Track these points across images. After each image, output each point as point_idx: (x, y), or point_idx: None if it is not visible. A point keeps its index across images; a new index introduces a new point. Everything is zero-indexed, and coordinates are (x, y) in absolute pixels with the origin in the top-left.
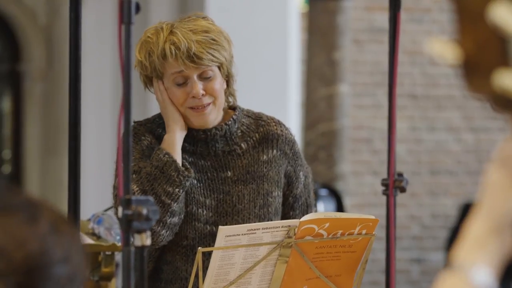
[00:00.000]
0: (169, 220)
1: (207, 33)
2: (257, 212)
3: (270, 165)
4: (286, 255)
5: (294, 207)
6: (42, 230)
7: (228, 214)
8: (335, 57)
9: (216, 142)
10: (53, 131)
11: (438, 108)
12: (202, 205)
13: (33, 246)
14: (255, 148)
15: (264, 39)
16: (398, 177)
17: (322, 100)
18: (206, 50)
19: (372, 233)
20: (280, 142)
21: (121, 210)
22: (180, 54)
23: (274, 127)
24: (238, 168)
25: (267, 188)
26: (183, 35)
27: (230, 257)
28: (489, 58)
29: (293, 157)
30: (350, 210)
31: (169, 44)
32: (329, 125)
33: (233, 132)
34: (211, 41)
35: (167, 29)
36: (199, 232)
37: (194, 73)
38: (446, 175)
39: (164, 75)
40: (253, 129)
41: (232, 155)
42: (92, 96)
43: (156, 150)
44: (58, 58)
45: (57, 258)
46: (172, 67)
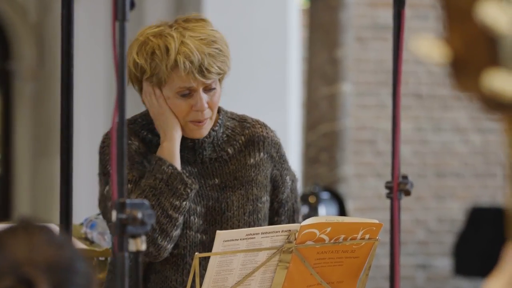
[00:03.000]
0: (175, 233)
1: (215, 44)
2: (246, 219)
3: (258, 168)
4: (286, 261)
5: (279, 212)
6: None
7: (217, 222)
8: (337, 55)
9: (204, 150)
10: (45, 132)
11: (444, 108)
12: (194, 212)
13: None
14: (241, 152)
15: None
16: (402, 179)
17: (323, 99)
18: (216, 63)
19: (376, 238)
20: (267, 145)
21: (115, 214)
22: (193, 68)
23: (259, 129)
24: (225, 175)
25: (256, 193)
26: (196, 48)
27: (228, 262)
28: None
29: (279, 160)
30: (353, 214)
31: (182, 58)
32: (331, 125)
33: (219, 137)
34: (220, 52)
35: (178, 38)
36: (190, 241)
37: (200, 87)
38: (452, 178)
39: (167, 84)
40: (238, 132)
41: (219, 162)
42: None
43: (156, 161)
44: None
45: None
46: (181, 80)
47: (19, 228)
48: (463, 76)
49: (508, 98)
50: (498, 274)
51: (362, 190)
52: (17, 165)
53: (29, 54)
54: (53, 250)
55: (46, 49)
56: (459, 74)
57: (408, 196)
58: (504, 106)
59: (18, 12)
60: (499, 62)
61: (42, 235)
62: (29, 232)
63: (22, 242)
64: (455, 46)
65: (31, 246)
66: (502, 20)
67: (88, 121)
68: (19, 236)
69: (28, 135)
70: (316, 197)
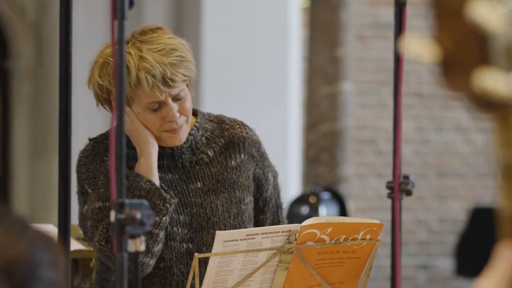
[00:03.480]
0: (156, 248)
1: (175, 52)
2: (232, 222)
3: (239, 170)
4: (286, 261)
5: (265, 210)
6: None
7: (204, 229)
8: (337, 54)
9: (183, 154)
10: (43, 131)
11: (446, 108)
12: (176, 223)
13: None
14: (222, 154)
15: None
16: (404, 179)
17: (324, 99)
18: (179, 71)
19: (377, 238)
20: (247, 145)
21: (114, 214)
22: (156, 81)
23: (238, 130)
24: (207, 178)
25: (239, 195)
26: (155, 60)
27: (228, 263)
28: (468, 56)
29: (261, 159)
30: (354, 214)
31: (144, 73)
32: (331, 125)
33: (198, 141)
34: (181, 59)
35: (135, 54)
36: (175, 252)
37: (168, 98)
38: (454, 178)
39: (135, 102)
40: (218, 134)
41: (200, 165)
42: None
43: (134, 177)
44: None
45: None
46: (147, 96)
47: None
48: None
49: (498, 97)
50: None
51: (363, 190)
52: (15, 164)
53: (27, 53)
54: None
55: (44, 48)
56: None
57: (409, 196)
58: (495, 105)
59: (16, 11)
60: (489, 61)
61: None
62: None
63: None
64: (445, 45)
65: None
66: (492, 19)
67: (86, 120)
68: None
69: (26, 134)
70: (316, 197)
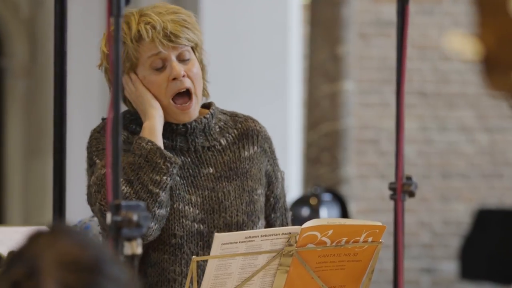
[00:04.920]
0: (158, 211)
1: (178, 13)
2: (244, 208)
3: (252, 161)
4: (286, 264)
5: (276, 208)
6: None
7: (215, 211)
8: (339, 52)
9: (196, 137)
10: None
11: (449, 107)
12: (188, 202)
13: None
14: (235, 144)
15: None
16: (406, 180)
17: (325, 98)
18: (181, 29)
19: (379, 240)
20: (260, 139)
21: (110, 216)
22: (156, 34)
23: (252, 123)
24: (219, 165)
25: (251, 185)
26: (157, 15)
27: (226, 266)
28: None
29: (272, 156)
30: (356, 216)
31: (143, 25)
32: (332, 125)
33: (212, 127)
34: (183, 21)
35: (137, 13)
36: (187, 230)
37: (172, 54)
38: (458, 179)
39: (139, 62)
40: (231, 125)
41: (212, 151)
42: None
43: (136, 140)
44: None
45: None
46: (149, 49)
47: (48, 228)
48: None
49: None
50: None
51: (365, 191)
52: (8, 164)
53: (21, 51)
54: (76, 251)
55: (38, 45)
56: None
57: (412, 197)
58: None
59: (10, 8)
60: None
61: (68, 236)
62: (55, 231)
63: (45, 239)
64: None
65: (52, 243)
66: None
67: (81, 120)
68: (44, 234)
69: (20, 133)
70: (317, 198)
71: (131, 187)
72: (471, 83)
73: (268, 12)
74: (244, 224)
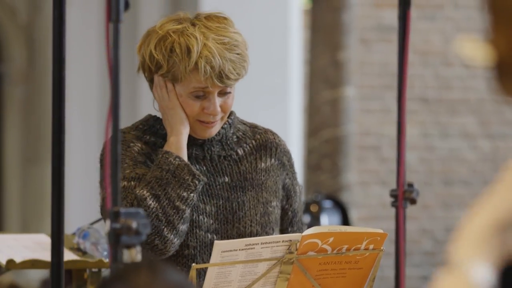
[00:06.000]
0: (181, 227)
1: (237, 49)
2: (258, 219)
3: (268, 174)
4: (287, 272)
5: (293, 222)
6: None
7: (229, 222)
8: (340, 58)
9: (212, 146)
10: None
11: (451, 113)
12: (202, 212)
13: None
14: (252, 155)
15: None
16: (408, 187)
17: (326, 104)
18: (236, 69)
19: (380, 248)
20: (279, 152)
21: (109, 224)
22: (212, 74)
23: (271, 136)
24: (235, 174)
25: (266, 197)
26: (218, 53)
27: (226, 274)
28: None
29: (291, 169)
30: (357, 223)
31: (204, 62)
32: (333, 131)
33: (229, 137)
34: (240, 58)
35: (201, 40)
36: (200, 241)
37: (216, 90)
38: (460, 186)
39: (182, 83)
40: (249, 135)
41: (228, 160)
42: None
43: (162, 154)
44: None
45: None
46: (198, 81)
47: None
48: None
49: None
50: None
51: (366, 198)
52: (6, 172)
53: (19, 56)
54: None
55: (36, 51)
56: (504, 77)
57: (414, 204)
58: None
59: (7, 13)
60: None
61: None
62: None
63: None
64: (501, 48)
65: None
66: None
67: (80, 126)
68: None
69: (18, 140)
70: (318, 205)
71: (158, 202)
72: (473, 89)
73: (269, 17)
74: (258, 235)
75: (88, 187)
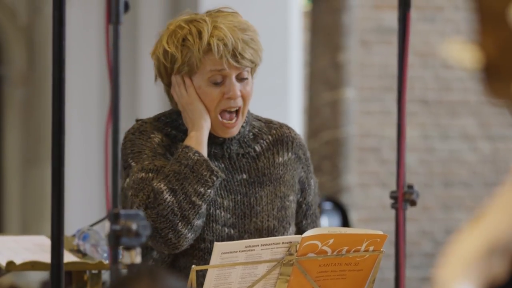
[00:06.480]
0: (196, 222)
1: (248, 31)
2: (275, 214)
3: (286, 168)
4: (287, 274)
5: (307, 215)
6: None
7: (246, 216)
8: (340, 59)
9: (231, 145)
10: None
11: (451, 115)
12: (220, 206)
13: None
14: (269, 150)
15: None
16: (408, 189)
17: (326, 106)
18: (249, 50)
19: (380, 250)
20: (295, 146)
21: (109, 225)
22: (226, 51)
23: (287, 130)
24: (253, 171)
25: (284, 191)
26: (230, 31)
27: (226, 276)
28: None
29: (306, 162)
30: (357, 225)
31: (216, 40)
32: (333, 133)
33: (245, 135)
34: (252, 40)
35: (210, 22)
36: (217, 235)
37: (233, 73)
38: (460, 187)
39: (199, 71)
40: (265, 131)
41: (246, 158)
42: (77, 102)
43: (182, 148)
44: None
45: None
46: (213, 64)
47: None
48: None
49: None
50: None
51: (366, 200)
52: (6, 173)
53: (18, 58)
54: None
55: (36, 53)
56: (491, 80)
57: (414, 206)
58: None
59: (7, 14)
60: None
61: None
62: (153, 276)
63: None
64: (488, 50)
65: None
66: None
67: (80, 128)
68: (143, 279)
69: (18, 142)
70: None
71: (174, 197)
72: (473, 91)
73: (269, 19)
74: (275, 230)
75: (88, 188)
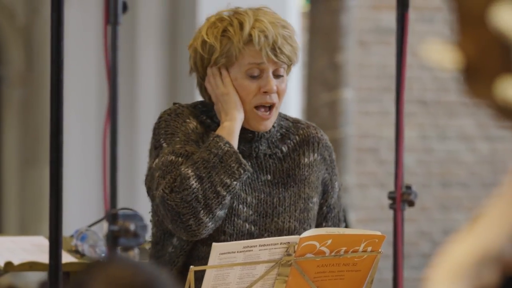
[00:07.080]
0: (219, 212)
1: (287, 29)
2: (297, 216)
3: (311, 169)
4: (285, 274)
5: (327, 218)
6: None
7: (268, 215)
8: (338, 60)
9: (260, 145)
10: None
11: (450, 115)
12: (243, 202)
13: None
14: (296, 151)
15: None
16: (406, 189)
17: (324, 106)
18: (288, 46)
19: (378, 250)
20: (321, 147)
21: (107, 226)
22: (266, 44)
23: (314, 131)
24: (278, 172)
25: (308, 192)
26: (271, 25)
27: (224, 276)
28: (490, 64)
29: (331, 164)
30: (355, 225)
31: (257, 31)
32: (331, 133)
33: (273, 135)
34: (290, 38)
35: (252, 15)
36: (237, 229)
37: (271, 68)
38: (458, 188)
39: (237, 63)
40: (293, 131)
41: (273, 159)
42: (75, 102)
43: (214, 137)
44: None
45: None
46: (252, 56)
47: (94, 266)
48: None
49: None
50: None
51: (364, 200)
52: (4, 174)
53: (17, 59)
54: (128, 274)
55: (34, 53)
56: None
57: (412, 207)
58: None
59: (5, 15)
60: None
61: (120, 262)
62: (104, 266)
63: (99, 266)
64: (468, 51)
65: (105, 269)
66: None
67: (79, 128)
68: (98, 262)
69: (17, 142)
70: None
71: (200, 184)
72: None
73: None
74: (296, 231)
75: (87, 189)
